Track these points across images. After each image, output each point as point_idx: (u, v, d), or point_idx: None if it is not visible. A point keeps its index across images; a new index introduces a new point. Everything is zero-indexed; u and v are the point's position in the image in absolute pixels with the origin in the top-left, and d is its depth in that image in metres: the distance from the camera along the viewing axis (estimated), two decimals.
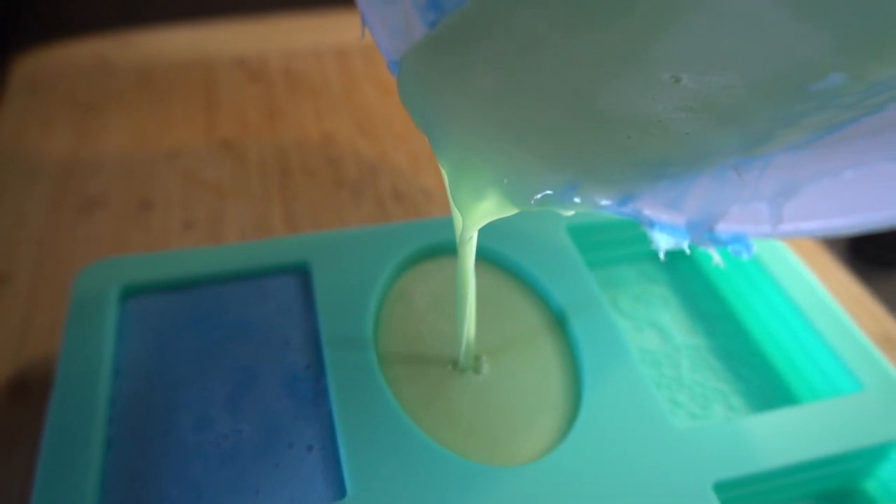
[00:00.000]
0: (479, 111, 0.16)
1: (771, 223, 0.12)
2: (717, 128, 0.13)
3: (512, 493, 0.17)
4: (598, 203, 0.14)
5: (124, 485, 0.17)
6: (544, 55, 0.15)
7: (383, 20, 0.17)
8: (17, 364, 0.23)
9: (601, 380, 0.20)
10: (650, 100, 0.14)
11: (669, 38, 0.14)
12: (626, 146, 0.14)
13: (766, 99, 0.14)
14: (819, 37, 0.14)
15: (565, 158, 0.15)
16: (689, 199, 0.13)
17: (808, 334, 0.22)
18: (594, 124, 0.14)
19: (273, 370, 0.20)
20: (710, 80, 0.13)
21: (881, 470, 0.20)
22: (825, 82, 0.14)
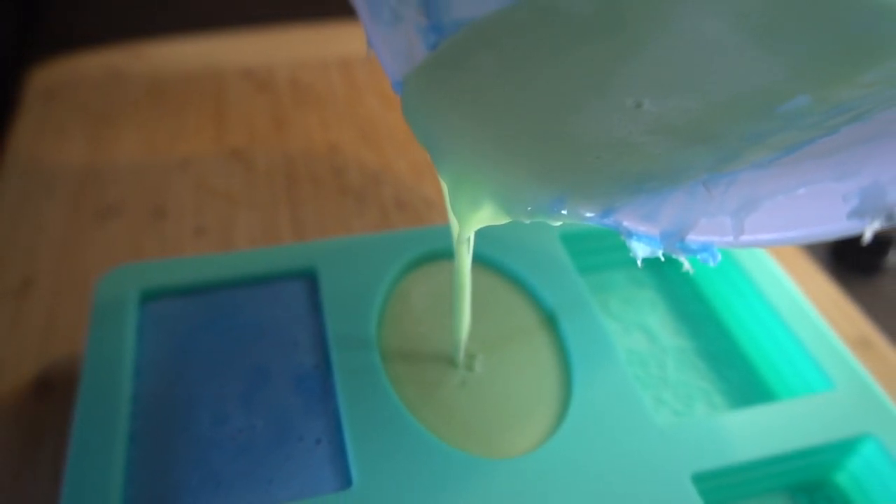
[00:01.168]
0: (476, 129, 0.17)
1: (734, 234, 0.14)
2: (685, 148, 0.15)
3: (505, 484, 0.19)
4: (582, 215, 0.16)
5: (147, 475, 0.19)
6: (524, 80, 0.17)
7: (387, 43, 0.18)
8: (42, 362, 0.24)
9: (589, 377, 0.21)
10: (616, 124, 0.15)
11: (632, 65, 0.15)
12: (597, 166, 0.15)
13: (733, 120, 0.15)
14: (778, 61, 0.15)
15: (553, 175, 0.16)
16: (663, 212, 0.15)
17: (785, 336, 0.23)
18: (568, 145, 0.16)
19: (283, 369, 0.21)
20: (669, 104, 0.15)
21: (850, 463, 0.21)
22: (792, 103, 0.15)
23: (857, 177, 0.12)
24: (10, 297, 0.26)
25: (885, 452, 0.20)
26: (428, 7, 0.18)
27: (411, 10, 0.17)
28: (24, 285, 0.27)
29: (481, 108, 0.17)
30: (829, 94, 0.15)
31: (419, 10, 0.18)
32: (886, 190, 0.12)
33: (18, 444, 0.22)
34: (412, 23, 0.18)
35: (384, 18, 0.17)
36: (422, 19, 0.18)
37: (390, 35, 0.18)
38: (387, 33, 0.18)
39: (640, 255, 0.16)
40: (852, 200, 0.12)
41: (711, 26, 0.15)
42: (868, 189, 0.12)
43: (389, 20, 0.17)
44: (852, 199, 0.12)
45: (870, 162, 0.12)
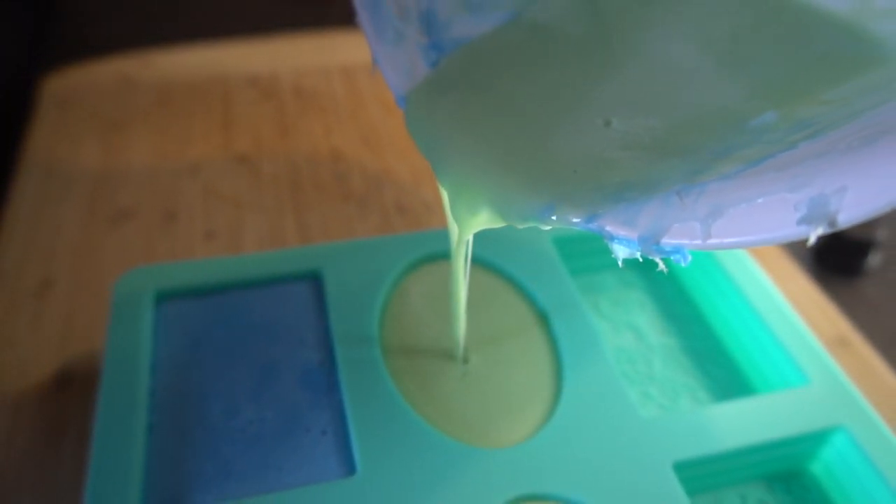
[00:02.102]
0: (474, 143, 0.19)
1: (702, 238, 0.15)
2: (661, 161, 0.16)
3: (499, 472, 0.20)
4: (570, 221, 0.17)
5: (165, 464, 0.20)
6: (514, 96, 0.18)
7: (391, 60, 0.19)
8: (62, 359, 0.25)
9: (579, 373, 0.23)
10: (588, 141, 0.17)
11: (603, 86, 0.17)
12: (578, 179, 0.17)
13: (704, 135, 0.16)
14: (744, 81, 0.17)
15: (542, 185, 0.18)
16: (641, 218, 0.16)
17: (764, 335, 0.25)
18: (551, 160, 0.17)
19: (291, 365, 0.23)
20: (635, 123, 0.16)
21: (824, 453, 0.22)
22: (760, 120, 0.17)
23: (807, 188, 0.14)
24: (31, 297, 0.28)
25: (855, 443, 0.21)
26: (428, 27, 0.19)
27: (413, 29, 0.19)
28: (44, 286, 0.28)
29: (478, 123, 0.19)
30: (794, 111, 0.16)
31: (420, 29, 0.19)
32: (830, 200, 0.13)
33: (42, 434, 0.23)
34: (414, 41, 0.19)
35: (388, 37, 0.18)
36: (423, 38, 0.19)
37: (394, 53, 0.19)
38: (390, 51, 0.19)
39: (621, 255, 0.17)
40: (802, 209, 0.14)
41: (680, 50, 0.17)
42: (815, 199, 0.14)
43: (393, 39, 0.18)
44: (802, 208, 0.14)
45: (818, 175, 0.14)
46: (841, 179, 0.13)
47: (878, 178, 0.13)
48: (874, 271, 0.33)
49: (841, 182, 0.13)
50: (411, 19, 0.18)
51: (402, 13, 0.18)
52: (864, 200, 0.13)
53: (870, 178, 0.13)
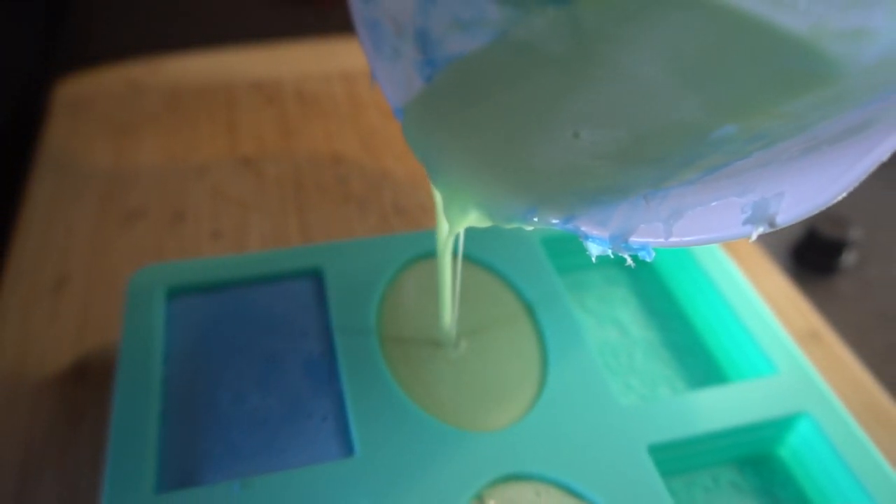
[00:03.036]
0: (465, 151, 0.20)
1: (665, 237, 0.17)
2: (630, 169, 0.18)
3: (486, 454, 0.22)
4: (549, 222, 0.19)
5: (177, 445, 0.22)
6: (500, 109, 0.20)
7: (389, 75, 0.21)
8: (79, 351, 0.27)
9: (562, 362, 0.24)
10: (559, 151, 0.18)
11: (574, 100, 0.18)
12: (555, 186, 0.18)
13: (669, 146, 0.18)
14: (704, 97, 0.18)
15: (526, 190, 0.19)
16: (612, 219, 0.18)
17: (738, 329, 0.26)
18: (530, 168, 0.19)
19: (294, 355, 0.24)
20: (601, 135, 0.18)
21: (790, 438, 0.24)
22: (722, 132, 0.18)
23: (752, 193, 0.15)
24: (48, 293, 0.29)
25: (818, 428, 0.23)
26: (423, 44, 0.21)
27: (409, 46, 0.20)
28: (60, 283, 0.30)
29: (469, 133, 0.21)
30: (751, 124, 0.18)
31: (416, 46, 0.21)
32: (770, 204, 0.15)
33: (62, 419, 0.25)
34: (410, 58, 0.21)
35: (386, 54, 0.20)
36: (418, 55, 0.21)
37: (391, 68, 0.21)
38: (388, 67, 0.21)
39: (594, 253, 0.19)
40: (747, 211, 0.15)
41: (649, 67, 0.18)
42: (758, 203, 0.15)
43: (390, 56, 0.20)
44: (747, 210, 0.15)
45: (762, 182, 0.15)
46: (780, 186, 0.15)
47: (809, 185, 0.15)
48: (849, 269, 0.35)
49: (780, 188, 0.15)
50: (407, 37, 0.20)
51: (399, 31, 0.20)
52: (797, 204, 0.15)
53: (803, 185, 0.15)
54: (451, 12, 0.20)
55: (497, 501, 0.21)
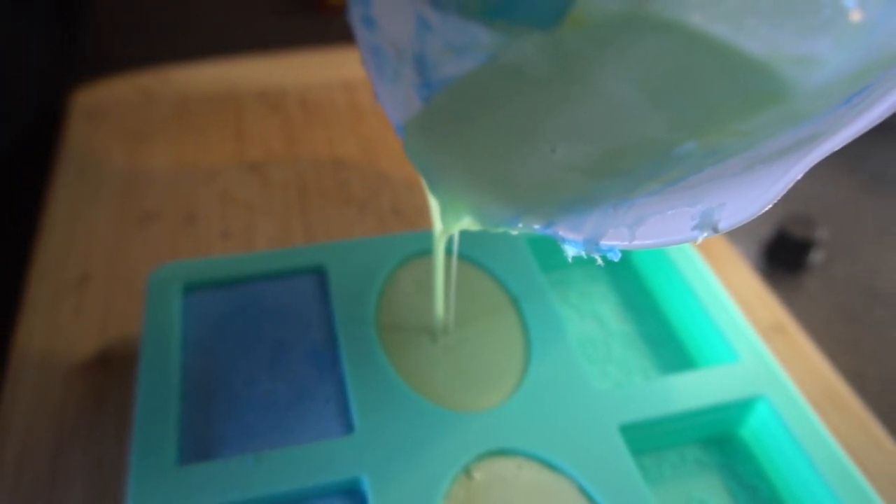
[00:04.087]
0: (460, 165, 0.23)
1: (629, 240, 0.19)
2: (600, 181, 0.20)
3: (472, 432, 0.24)
4: (532, 227, 0.21)
5: (196, 425, 0.24)
6: (489, 127, 0.22)
7: (391, 96, 0.23)
8: (102, 342, 0.29)
9: (543, 350, 0.27)
10: (537, 165, 0.21)
11: (552, 119, 0.21)
12: (536, 196, 0.21)
13: (636, 160, 0.21)
14: (670, 115, 0.21)
15: (511, 200, 0.22)
16: (585, 225, 0.20)
17: (706, 322, 0.29)
18: (516, 180, 0.21)
19: (299, 344, 0.27)
20: (575, 150, 0.20)
21: (750, 419, 0.26)
22: (683, 148, 0.21)
23: (700, 204, 0.18)
24: (72, 289, 0.32)
25: (774, 411, 0.26)
26: (421, 67, 0.23)
27: (408, 70, 0.23)
28: (82, 279, 0.32)
29: (462, 149, 0.23)
30: (709, 140, 0.21)
31: (414, 70, 0.23)
32: (714, 213, 0.17)
33: (89, 403, 0.27)
34: (409, 80, 0.23)
35: (387, 77, 0.23)
36: (416, 77, 0.23)
37: (392, 90, 0.23)
38: (390, 88, 0.23)
39: (570, 253, 0.21)
40: (696, 219, 0.18)
41: (622, 88, 0.21)
42: (704, 212, 0.18)
43: (392, 78, 0.23)
44: (696, 218, 0.18)
45: (708, 194, 0.18)
46: (722, 198, 0.17)
47: (745, 197, 0.17)
48: (816, 267, 0.37)
49: (722, 200, 0.17)
50: (406, 61, 0.23)
51: (399, 56, 0.23)
52: (736, 213, 0.17)
53: (740, 198, 0.17)
54: (446, 38, 0.23)
55: (482, 474, 0.23)
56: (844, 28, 0.20)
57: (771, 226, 0.38)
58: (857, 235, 0.39)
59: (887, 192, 0.42)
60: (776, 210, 0.39)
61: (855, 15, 0.20)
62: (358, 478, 0.23)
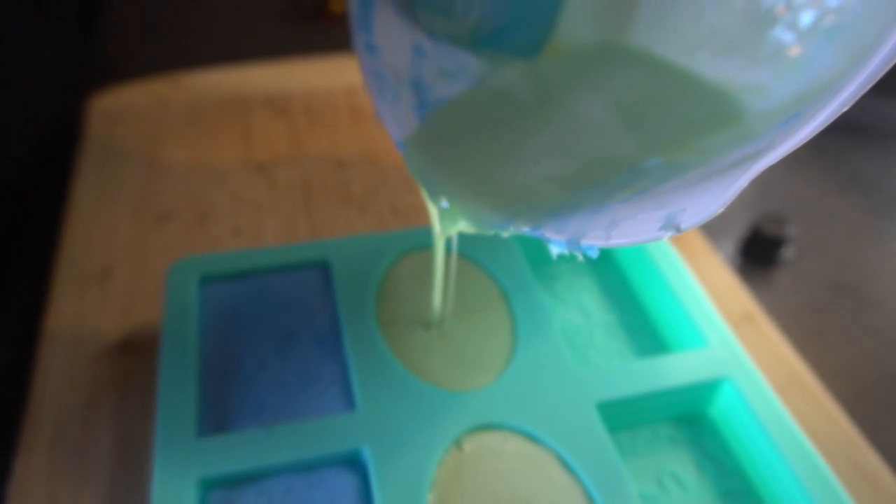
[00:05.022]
0: (454, 177, 0.25)
1: (605, 240, 0.22)
2: (576, 191, 0.23)
3: (464, 409, 0.27)
4: (521, 230, 0.24)
5: (213, 402, 0.27)
6: (479, 143, 0.25)
7: (391, 115, 0.26)
8: (125, 329, 0.32)
9: (529, 337, 0.29)
10: (524, 176, 0.23)
11: (538, 136, 0.23)
12: (523, 203, 0.23)
13: (610, 173, 0.23)
14: (640, 134, 0.23)
15: (502, 207, 0.24)
16: (568, 228, 0.23)
17: (679, 312, 0.31)
18: (505, 189, 0.24)
19: (306, 331, 0.29)
20: (557, 162, 0.23)
21: (718, 399, 0.29)
22: (650, 162, 0.23)
23: (664, 209, 0.20)
24: (95, 281, 0.34)
25: (737, 391, 0.28)
26: (417, 89, 0.26)
27: (406, 91, 0.26)
28: (105, 273, 0.35)
29: (456, 163, 0.26)
30: (673, 156, 0.23)
31: (411, 91, 0.26)
32: (676, 216, 0.20)
33: (114, 384, 0.30)
34: (407, 101, 0.26)
35: (388, 98, 0.25)
36: (413, 98, 0.26)
37: (393, 109, 0.26)
38: (390, 108, 0.26)
39: (555, 252, 0.24)
40: (661, 221, 0.20)
41: (598, 110, 0.23)
42: (668, 215, 0.20)
43: (391, 99, 0.25)
44: (661, 221, 0.20)
45: (671, 201, 0.20)
46: (683, 204, 0.20)
47: (702, 202, 0.20)
48: (787, 262, 0.40)
49: (683, 205, 0.20)
50: (404, 84, 0.25)
51: (398, 79, 0.25)
52: (694, 216, 0.20)
53: (698, 202, 0.20)
54: (439, 64, 0.26)
55: (472, 446, 0.26)
56: (785, 62, 0.23)
57: (746, 224, 0.40)
58: (828, 233, 0.41)
59: (859, 192, 0.44)
60: (752, 209, 0.42)
61: (793, 50, 0.22)
62: (359, 449, 0.25)
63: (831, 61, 0.21)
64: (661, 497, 0.27)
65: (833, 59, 0.21)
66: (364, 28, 0.25)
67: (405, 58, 0.26)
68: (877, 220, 0.43)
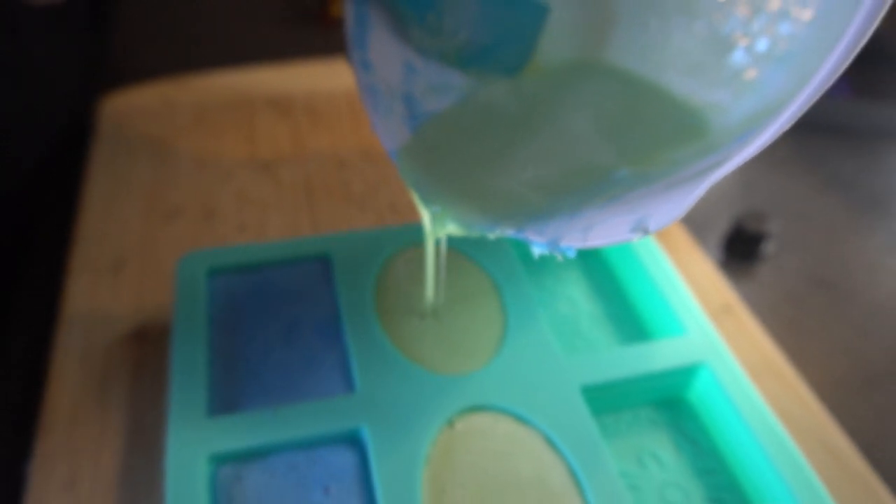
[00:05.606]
0: (444, 185, 0.27)
1: (582, 242, 0.24)
2: (556, 197, 0.25)
3: (456, 391, 0.28)
4: (506, 232, 0.26)
5: (222, 385, 0.29)
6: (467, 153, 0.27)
7: (385, 127, 0.28)
8: (138, 319, 0.34)
9: (518, 325, 0.31)
10: (510, 183, 0.25)
11: (525, 146, 0.26)
12: (508, 208, 0.25)
13: (586, 181, 0.25)
14: (613, 146, 0.26)
15: (488, 212, 0.26)
16: (548, 231, 0.25)
17: (661, 303, 0.33)
18: (492, 196, 0.26)
19: (309, 320, 0.31)
20: (541, 170, 0.25)
21: (696, 383, 0.31)
22: (620, 173, 0.25)
23: (634, 213, 0.22)
24: (109, 273, 0.36)
25: (713, 375, 0.30)
26: (408, 103, 0.28)
27: (398, 105, 0.28)
28: (118, 266, 0.37)
29: (446, 172, 0.28)
30: (641, 168, 0.25)
31: (403, 105, 0.28)
32: (644, 220, 0.22)
33: (127, 372, 0.32)
34: (399, 114, 0.28)
35: (382, 111, 0.27)
36: (405, 112, 0.28)
37: (386, 122, 0.28)
38: (384, 120, 0.28)
39: (537, 252, 0.25)
40: (631, 224, 0.22)
41: (578, 123, 0.26)
42: (637, 219, 0.22)
43: (385, 112, 0.27)
44: (631, 224, 0.22)
45: (640, 206, 0.22)
46: (650, 209, 0.22)
47: (667, 207, 0.21)
48: (768, 257, 0.41)
49: (650, 210, 0.22)
50: (397, 98, 0.27)
51: (391, 94, 0.27)
52: (660, 219, 0.22)
53: (663, 208, 0.22)
54: (428, 80, 0.28)
55: (464, 426, 0.28)
56: (742, 84, 0.25)
57: (729, 220, 0.42)
58: (807, 229, 0.43)
59: (838, 191, 0.46)
60: (735, 207, 0.44)
61: (750, 73, 0.24)
62: (358, 428, 0.27)
63: (783, 83, 0.23)
64: (640, 474, 0.29)
65: (785, 81, 0.23)
66: (359, 46, 0.27)
67: (397, 74, 0.28)
68: (855, 218, 0.44)
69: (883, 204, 0.45)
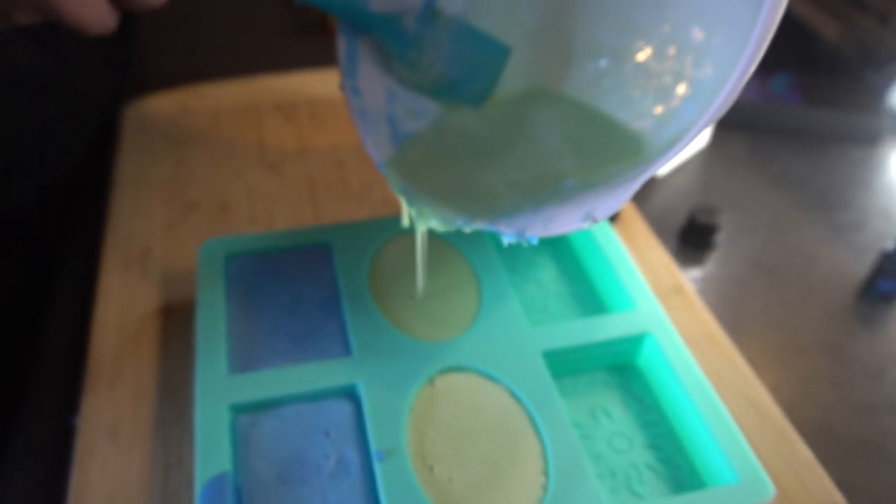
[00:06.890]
0: (425, 191, 0.33)
1: (543, 232, 0.29)
2: (524, 196, 0.31)
3: (437, 354, 0.34)
4: (479, 225, 0.31)
5: (238, 349, 0.34)
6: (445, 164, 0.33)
7: (373, 143, 0.33)
8: (164, 298, 0.39)
9: (491, 301, 0.36)
10: (489, 186, 0.31)
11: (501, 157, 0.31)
12: (481, 205, 0.31)
13: (544, 184, 0.31)
14: (572, 158, 0.31)
15: (464, 210, 0.32)
16: (515, 224, 0.30)
17: (617, 284, 0.38)
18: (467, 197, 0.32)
19: (312, 297, 0.37)
20: (516, 174, 0.31)
21: (643, 351, 0.36)
22: (570, 181, 0.31)
23: (584, 208, 0.28)
24: (137, 260, 0.41)
25: (657, 343, 0.35)
26: (391, 124, 0.34)
27: (383, 125, 0.33)
28: (145, 253, 0.42)
29: (428, 179, 0.33)
30: (588, 177, 0.31)
31: (387, 125, 0.33)
32: (592, 212, 0.27)
33: (158, 340, 0.37)
34: (384, 132, 0.33)
35: (370, 129, 0.33)
36: (389, 130, 0.33)
37: (374, 138, 0.33)
38: (372, 137, 0.33)
39: (506, 241, 0.31)
40: (582, 216, 0.28)
41: (545, 137, 0.31)
42: (587, 212, 0.27)
43: (373, 131, 0.33)
44: (582, 216, 0.28)
45: (588, 202, 0.28)
46: (596, 204, 0.28)
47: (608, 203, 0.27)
48: (719, 246, 0.47)
49: (596, 206, 0.28)
50: (381, 119, 0.33)
51: (377, 115, 0.33)
52: (604, 212, 0.27)
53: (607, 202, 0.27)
54: (407, 105, 0.33)
55: (442, 383, 0.33)
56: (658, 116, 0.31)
57: (683, 214, 0.47)
58: (755, 222, 0.49)
59: (786, 188, 0.51)
60: (691, 201, 0.49)
61: (658, 109, 0.30)
62: (354, 385, 0.33)
63: (695, 112, 0.29)
64: (593, 426, 0.34)
65: (696, 111, 0.29)
66: (350, 75, 0.33)
67: (381, 99, 0.34)
68: (800, 212, 0.50)
69: (825, 200, 0.51)
